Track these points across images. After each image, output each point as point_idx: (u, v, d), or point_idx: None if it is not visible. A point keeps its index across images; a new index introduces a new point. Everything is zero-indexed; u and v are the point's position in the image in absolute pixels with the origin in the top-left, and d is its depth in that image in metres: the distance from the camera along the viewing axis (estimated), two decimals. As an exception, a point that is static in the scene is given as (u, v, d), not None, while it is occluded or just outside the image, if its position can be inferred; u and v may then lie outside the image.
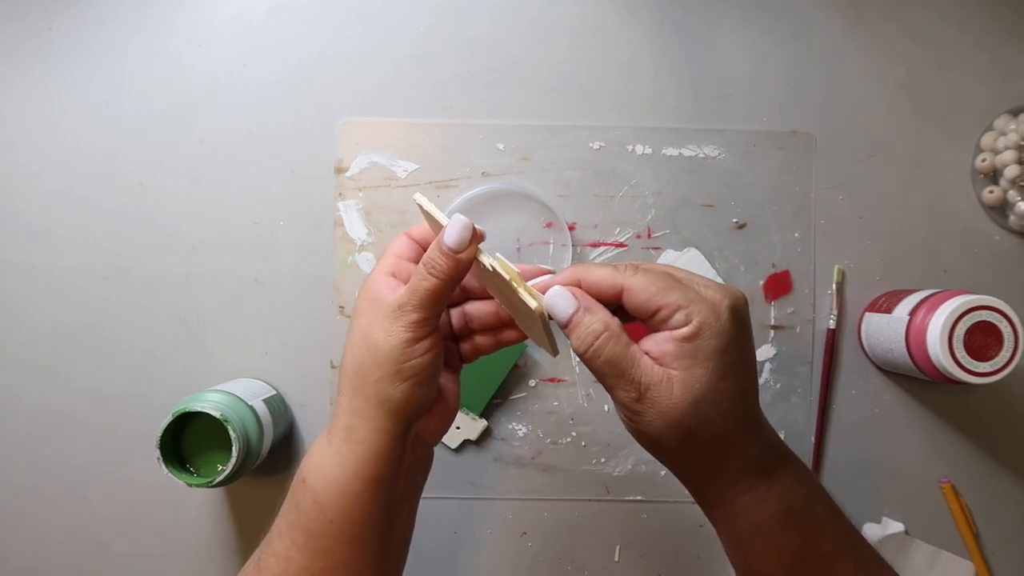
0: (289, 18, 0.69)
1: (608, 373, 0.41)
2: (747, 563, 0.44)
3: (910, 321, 0.61)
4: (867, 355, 0.68)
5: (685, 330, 0.40)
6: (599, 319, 0.41)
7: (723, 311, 0.40)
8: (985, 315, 0.58)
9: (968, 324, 0.58)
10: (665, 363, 0.40)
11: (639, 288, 0.41)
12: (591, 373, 0.43)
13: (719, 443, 0.41)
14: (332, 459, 0.44)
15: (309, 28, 0.69)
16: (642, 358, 0.40)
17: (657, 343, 0.41)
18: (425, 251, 0.45)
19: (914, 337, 0.60)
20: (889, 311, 0.64)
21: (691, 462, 0.43)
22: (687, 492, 0.45)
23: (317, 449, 0.46)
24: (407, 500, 0.48)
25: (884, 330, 0.64)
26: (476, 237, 0.43)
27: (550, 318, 0.43)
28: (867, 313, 0.67)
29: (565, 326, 0.42)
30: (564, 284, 0.43)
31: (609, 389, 0.42)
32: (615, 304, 0.43)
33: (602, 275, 0.42)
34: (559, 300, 0.42)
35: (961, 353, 0.58)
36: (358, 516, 0.44)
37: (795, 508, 0.42)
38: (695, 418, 0.40)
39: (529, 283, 0.44)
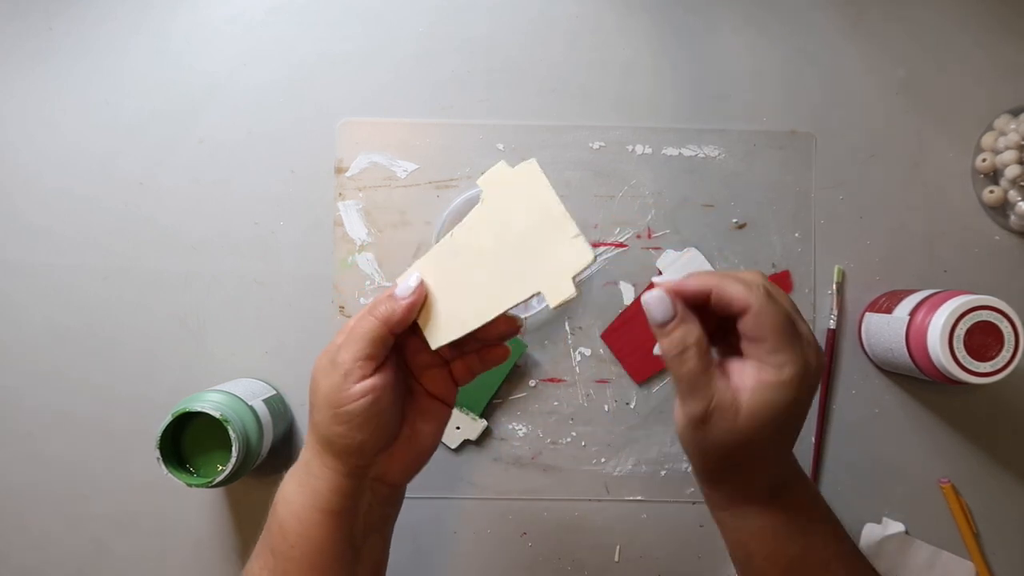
0: (289, 18, 0.69)
1: (687, 384, 0.42)
2: (750, 561, 0.46)
3: (910, 321, 0.61)
4: (867, 355, 0.68)
5: (775, 376, 0.42)
6: (694, 332, 0.42)
7: (811, 374, 0.43)
8: (985, 315, 0.58)
9: (968, 324, 0.58)
10: (739, 393, 0.42)
11: (762, 312, 0.42)
12: (672, 374, 0.43)
13: (752, 468, 0.44)
14: (295, 488, 0.47)
15: (309, 28, 0.69)
16: (719, 379, 0.42)
17: (742, 369, 0.43)
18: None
19: (914, 337, 0.60)
20: (889, 311, 0.64)
21: (721, 476, 0.46)
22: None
23: (288, 477, 0.48)
24: (373, 531, 0.49)
25: (884, 330, 0.64)
26: (420, 290, 0.46)
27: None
28: (867, 313, 0.67)
29: (662, 326, 0.43)
30: (694, 288, 0.43)
31: (682, 396, 0.43)
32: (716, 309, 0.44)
33: (736, 289, 0.42)
34: (658, 304, 0.43)
35: (961, 353, 0.58)
36: (316, 544, 0.46)
37: (795, 519, 0.46)
38: (743, 447, 0.43)
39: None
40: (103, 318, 0.68)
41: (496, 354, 0.49)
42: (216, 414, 0.57)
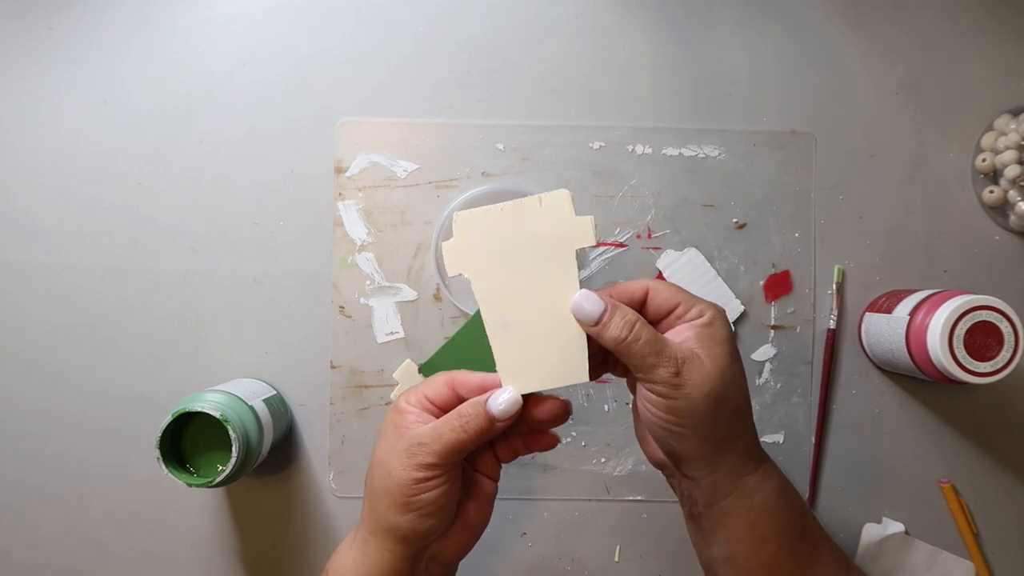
0: (288, 18, 0.69)
1: (649, 353, 0.44)
2: (760, 547, 0.47)
3: (910, 321, 0.61)
4: (867, 355, 0.68)
5: (704, 319, 0.45)
6: (630, 310, 0.45)
7: (723, 311, 0.47)
8: (985, 315, 0.58)
9: (968, 324, 0.58)
10: (688, 345, 0.45)
11: (662, 289, 0.47)
12: (628, 360, 0.45)
13: (737, 415, 0.46)
14: (349, 564, 0.48)
15: (308, 28, 0.69)
16: (671, 340, 0.45)
17: (677, 332, 0.46)
18: (457, 397, 0.47)
19: (914, 337, 0.60)
20: (889, 311, 0.64)
21: (717, 436, 0.45)
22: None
23: (342, 549, 0.49)
24: None
25: (884, 330, 0.64)
26: (518, 412, 0.46)
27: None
28: (867, 313, 0.67)
29: (596, 323, 0.45)
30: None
31: (648, 370, 0.44)
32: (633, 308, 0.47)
33: (629, 282, 0.47)
34: (587, 302, 0.45)
35: (961, 353, 0.58)
36: None
37: (786, 486, 0.48)
38: (723, 388, 0.44)
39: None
40: (102, 318, 0.68)
41: (544, 441, 0.49)
42: (216, 414, 0.57)
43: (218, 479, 0.57)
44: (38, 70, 0.68)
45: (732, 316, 0.68)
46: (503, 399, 0.45)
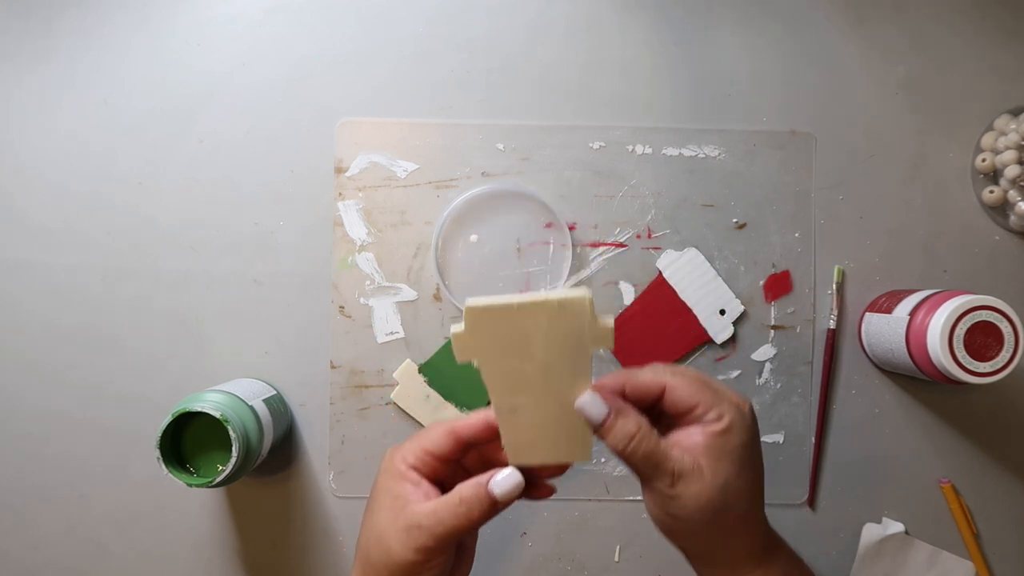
0: (288, 18, 0.69)
1: (645, 467, 0.44)
2: None
3: (910, 321, 0.61)
4: (867, 355, 0.68)
5: (719, 426, 0.44)
6: (632, 420, 0.44)
7: (746, 414, 0.46)
8: (985, 315, 0.58)
9: (968, 324, 0.58)
10: (695, 453, 0.44)
11: (680, 386, 0.45)
12: (627, 465, 0.45)
13: (739, 523, 0.45)
14: None
15: (308, 28, 0.69)
16: (672, 450, 0.44)
17: (688, 435, 0.45)
18: (461, 446, 0.47)
19: (914, 337, 0.60)
20: (889, 311, 0.64)
21: (713, 545, 0.46)
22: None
23: None
24: None
25: (884, 330, 0.64)
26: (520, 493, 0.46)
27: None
28: (867, 313, 0.67)
29: (599, 428, 0.44)
30: (609, 386, 0.46)
31: (645, 480, 0.45)
32: (648, 403, 0.46)
33: (646, 376, 0.46)
34: (591, 407, 0.44)
35: (961, 353, 0.58)
36: None
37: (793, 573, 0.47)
38: (722, 501, 0.44)
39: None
40: (102, 318, 0.68)
41: (543, 491, 0.49)
42: (216, 414, 0.57)
43: (218, 479, 0.57)
44: (38, 70, 0.68)
45: (732, 316, 0.68)
46: (506, 481, 0.45)
